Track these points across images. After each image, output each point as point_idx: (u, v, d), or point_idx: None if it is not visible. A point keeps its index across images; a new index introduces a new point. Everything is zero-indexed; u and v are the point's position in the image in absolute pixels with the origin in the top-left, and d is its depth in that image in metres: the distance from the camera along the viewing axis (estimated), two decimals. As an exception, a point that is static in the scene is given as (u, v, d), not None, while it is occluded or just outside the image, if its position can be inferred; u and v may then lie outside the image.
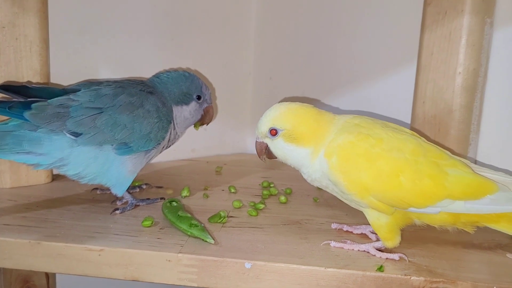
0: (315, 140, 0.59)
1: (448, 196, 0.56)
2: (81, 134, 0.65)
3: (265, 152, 0.64)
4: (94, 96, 0.67)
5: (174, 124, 0.75)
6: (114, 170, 0.68)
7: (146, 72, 0.95)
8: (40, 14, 0.76)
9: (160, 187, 0.82)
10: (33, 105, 0.64)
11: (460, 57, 0.68)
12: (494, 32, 0.70)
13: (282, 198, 0.77)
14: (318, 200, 0.79)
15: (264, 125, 0.61)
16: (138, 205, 0.72)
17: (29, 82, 0.76)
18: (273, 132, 0.61)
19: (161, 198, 0.75)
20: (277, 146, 0.61)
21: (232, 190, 0.82)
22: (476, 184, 0.56)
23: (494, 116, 0.72)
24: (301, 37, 0.99)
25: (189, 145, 1.04)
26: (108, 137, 0.66)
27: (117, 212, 0.69)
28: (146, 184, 0.81)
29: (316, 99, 0.92)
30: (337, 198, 0.78)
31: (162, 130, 0.71)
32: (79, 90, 0.68)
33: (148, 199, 0.74)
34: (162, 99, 0.73)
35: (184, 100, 0.77)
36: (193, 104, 0.78)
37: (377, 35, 0.84)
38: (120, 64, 0.92)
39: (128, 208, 0.70)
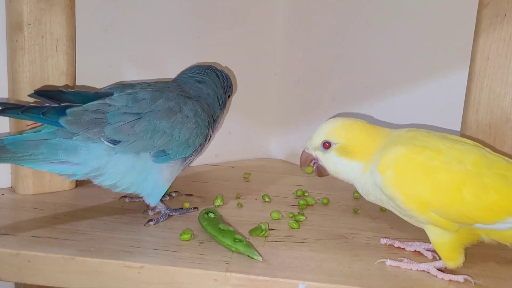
0: (368, 154, 0.58)
1: None
2: (119, 141, 0.61)
3: (308, 165, 0.64)
4: (131, 101, 0.64)
5: (213, 129, 0.73)
6: (151, 179, 0.65)
7: (171, 71, 0.92)
8: (68, 11, 0.72)
9: (190, 195, 0.78)
10: (68, 111, 0.60)
11: (521, 62, 0.64)
12: (556, 36, 0.66)
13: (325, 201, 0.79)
14: (358, 211, 0.75)
15: (318, 138, 0.62)
16: (172, 216, 0.68)
17: (66, 86, 0.72)
18: (327, 146, 0.61)
19: (195, 208, 0.71)
20: (330, 160, 0.61)
21: (266, 199, 0.78)
22: None
23: (553, 125, 0.68)
24: (333, 36, 0.95)
25: (213, 149, 1.00)
26: (148, 144, 0.63)
27: (151, 223, 0.65)
28: (175, 192, 0.77)
29: (370, 115, 0.88)
30: (377, 209, 0.75)
31: (200, 136, 0.68)
32: (112, 94, 0.64)
33: (181, 208, 0.70)
34: (201, 104, 0.70)
35: (225, 102, 0.78)
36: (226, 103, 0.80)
37: (424, 36, 0.80)
38: (145, 63, 0.89)
39: (162, 219, 0.67)
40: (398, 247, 0.62)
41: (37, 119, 0.61)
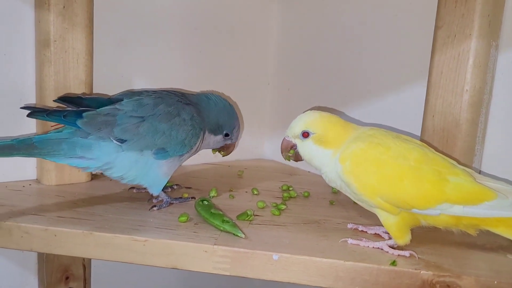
0: (338, 144, 0.67)
1: (447, 200, 0.62)
2: (126, 140, 0.73)
3: (291, 151, 0.71)
4: (137, 106, 0.75)
5: (202, 139, 0.81)
6: (152, 172, 0.76)
7: (176, 81, 1.03)
8: (87, 30, 0.83)
9: (189, 188, 0.90)
10: (84, 114, 0.72)
11: (467, 76, 0.75)
12: (499, 54, 0.76)
13: (306, 194, 0.90)
14: (334, 203, 0.86)
15: (298, 127, 0.69)
16: (173, 203, 0.79)
17: (83, 93, 0.84)
18: (305, 135, 0.69)
19: (192, 198, 0.82)
20: (306, 147, 0.69)
21: (255, 192, 0.89)
22: (475, 191, 0.62)
23: (498, 129, 0.78)
24: (319, 52, 1.06)
25: (212, 150, 1.12)
26: (149, 142, 0.74)
27: (155, 209, 0.76)
28: (177, 185, 0.89)
29: (340, 111, 0.99)
30: (351, 201, 0.86)
31: (195, 137, 0.79)
32: (122, 100, 0.76)
33: (181, 198, 0.82)
34: (198, 109, 0.81)
35: (214, 131, 0.84)
36: (219, 137, 0.85)
37: (391, 53, 0.91)
38: (153, 74, 1.00)
39: (164, 205, 0.78)
40: (362, 231, 0.73)
41: (59, 121, 0.72)
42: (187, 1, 1.02)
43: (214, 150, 0.89)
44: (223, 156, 0.90)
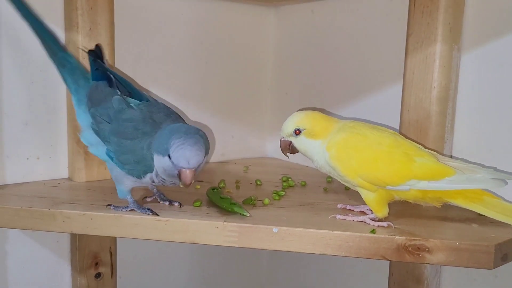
0: (325, 135, 0.79)
1: (414, 177, 0.75)
2: (91, 120, 0.82)
3: (289, 149, 0.82)
4: (118, 112, 0.79)
5: (156, 170, 0.76)
6: (110, 167, 0.82)
7: (185, 89, 1.16)
8: (109, 47, 0.97)
9: (201, 181, 1.02)
10: (100, 82, 0.82)
11: (435, 75, 0.87)
12: (462, 55, 0.89)
13: (303, 183, 1.01)
14: (327, 190, 0.99)
15: (290, 127, 0.80)
16: (133, 210, 0.79)
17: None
18: (297, 132, 0.79)
19: (155, 214, 0.78)
20: (300, 142, 0.80)
21: (258, 183, 1.02)
22: (437, 169, 0.75)
23: (464, 120, 0.90)
24: (311, 59, 1.19)
25: (220, 150, 1.24)
26: (102, 140, 0.80)
27: (111, 207, 0.79)
28: (170, 202, 0.85)
29: (325, 109, 1.12)
30: (343, 188, 0.99)
31: (139, 171, 0.77)
32: (140, 100, 0.82)
33: (149, 209, 0.79)
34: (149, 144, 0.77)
35: (161, 151, 0.73)
36: (166, 159, 0.73)
37: (372, 59, 1.04)
38: (165, 83, 1.13)
39: (122, 209, 0.79)
40: (349, 209, 0.85)
41: (91, 69, 0.86)
42: (193, 19, 1.15)
43: (180, 182, 0.74)
44: (185, 186, 0.73)
